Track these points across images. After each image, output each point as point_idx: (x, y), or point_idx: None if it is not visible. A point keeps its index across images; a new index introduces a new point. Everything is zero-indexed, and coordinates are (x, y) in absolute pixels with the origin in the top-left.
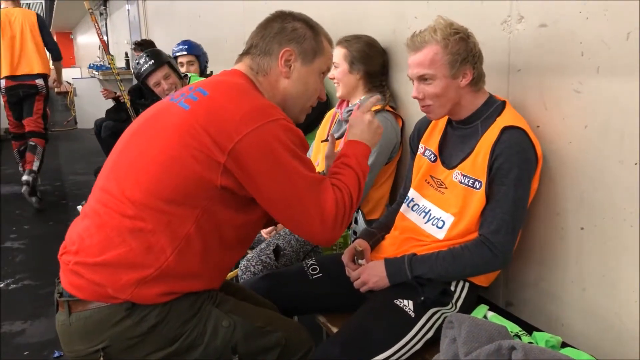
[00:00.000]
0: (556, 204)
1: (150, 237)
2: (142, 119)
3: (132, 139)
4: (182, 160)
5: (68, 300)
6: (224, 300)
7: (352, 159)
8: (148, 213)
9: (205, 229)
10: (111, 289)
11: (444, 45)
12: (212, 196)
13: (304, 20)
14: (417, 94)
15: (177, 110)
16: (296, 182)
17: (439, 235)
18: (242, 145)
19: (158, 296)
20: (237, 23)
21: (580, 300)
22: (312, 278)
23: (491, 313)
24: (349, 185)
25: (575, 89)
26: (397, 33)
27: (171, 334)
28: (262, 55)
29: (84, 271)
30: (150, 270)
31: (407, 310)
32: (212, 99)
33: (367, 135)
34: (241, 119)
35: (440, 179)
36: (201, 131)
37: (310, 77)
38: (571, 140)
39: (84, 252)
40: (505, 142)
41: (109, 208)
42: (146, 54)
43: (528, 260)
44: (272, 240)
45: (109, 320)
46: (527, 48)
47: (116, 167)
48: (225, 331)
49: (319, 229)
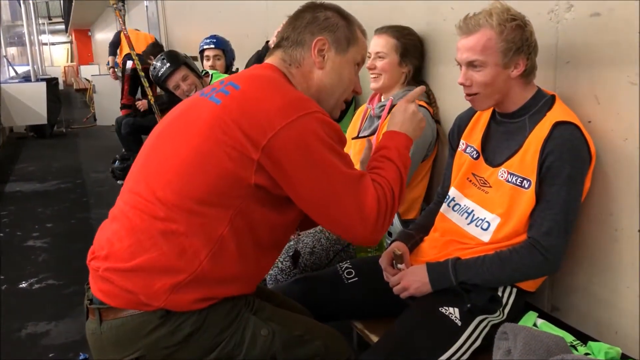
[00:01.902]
0: (610, 204)
1: (183, 240)
2: (171, 115)
3: (160, 137)
4: (214, 158)
5: (99, 307)
6: (261, 307)
7: (393, 151)
8: (180, 214)
9: (239, 230)
10: (144, 296)
11: (499, 31)
12: (246, 195)
13: (336, 10)
14: (464, 80)
15: (208, 105)
16: (334, 179)
17: (484, 238)
18: (276, 141)
19: (193, 302)
20: (259, 18)
21: (637, 307)
22: (347, 282)
23: (541, 320)
24: (390, 180)
25: (632, 81)
26: (431, 25)
27: (208, 343)
28: (295, 46)
29: (114, 277)
30: (184, 275)
31: (454, 319)
32: (245, 92)
33: (409, 126)
34: (275, 113)
35: (484, 177)
36: (233, 126)
37: (344, 68)
38: (627, 137)
39: (114, 257)
40: (557, 138)
41: (139, 210)
42: (162, 57)
43: (577, 263)
44: (302, 237)
45: (142, 329)
46: (576, 38)
47: (145, 167)
48: (264, 340)
49: (360, 228)
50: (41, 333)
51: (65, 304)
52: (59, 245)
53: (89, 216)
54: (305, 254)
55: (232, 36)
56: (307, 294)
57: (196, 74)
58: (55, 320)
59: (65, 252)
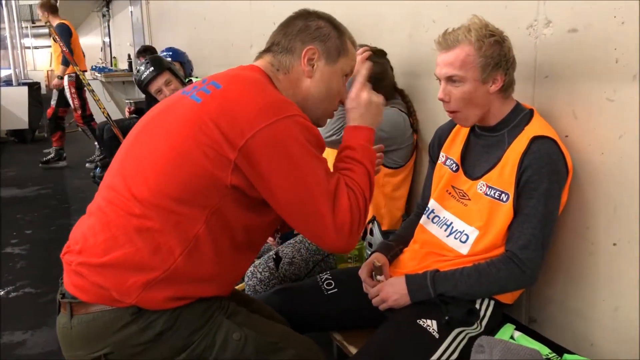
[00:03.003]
0: (586, 217)
1: (158, 237)
2: (152, 113)
3: (140, 134)
4: (191, 156)
5: (70, 302)
6: (236, 311)
7: (358, 151)
8: (156, 212)
9: (215, 230)
10: (116, 292)
11: (477, 47)
12: (222, 195)
13: (329, 19)
14: (444, 95)
15: (188, 103)
16: (311, 184)
17: (462, 250)
18: (254, 142)
19: (166, 301)
20: (244, 25)
21: (612, 320)
22: (327, 293)
23: (518, 333)
24: (362, 184)
25: (608, 97)
26: (414, 37)
27: (178, 343)
28: (284, 53)
29: (87, 272)
30: (157, 273)
31: (431, 331)
32: (226, 92)
33: (368, 117)
34: (255, 114)
35: (463, 190)
36: (212, 125)
37: (333, 78)
38: (603, 151)
39: (88, 251)
40: (535, 152)
41: (115, 206)
42: (146, 61)
43: (554, 276)
44: (282, 248)
45: (113, 325)
46: (555, 54)
47: (123, 163)
48: (236, 345)
49: (333, 236)
50: (17, 343)
51: (42, 312)
52: (38, 252)
53: (69, 223)
54: (284, 264)
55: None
56: (286, 305)
57: (180, 80)
58: (32, 330)
59: (44, 260)
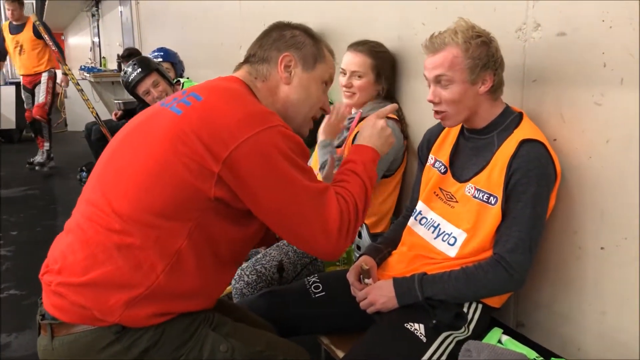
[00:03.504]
0: (574, 221)
1: (139, 254)
2: (131, 125)
3: (119, 147)
4: (172, 169)
5: (51, 323)
6: (221, 322)
7: (359, 165)
8: (136, 227)
9: (198, 244)
10: (98, 312)
11: (464, 49)
12: (205, 208)
13: (303, 29)
14: (433, 97)
15: (168, 115)
16: (297, 193)
17: (450, 253)
18: (238, 154)
19: (149, 317)
20: (234, 26)
21: (599, 325)
22: (314, 297)
23: (506, 337)
24: (355, 194)
25: (596, 101)
26: (403, 40)
27: (164, 359)
28: (261, 62)
29: (67, 292)
30: (140, 290)
31: (419, 335)
32: (206, 103)
33: (377, 140)
34: (237, 126)
35: (451, 192)
36: (193, 138)
37: (312, 84)
38: (591, 155)
39: (67, 271)
40: (524, 156)
41: (94, 222)
42: (133, 62)
43: (542, 280)
44: (269, 251)
45: (96, 345)
46: (543, 58)
47: (102, 177)
48: (223, 356)
49: (322, 242)
50: (2, 345)
51: (27, 315)
52: (23, 254)
53: (55, 224)
54: (272, 267)
55: (206, 44)
56: (274, 309)
57: (168, 81)
58: (16, 332)
59: (30, 262)
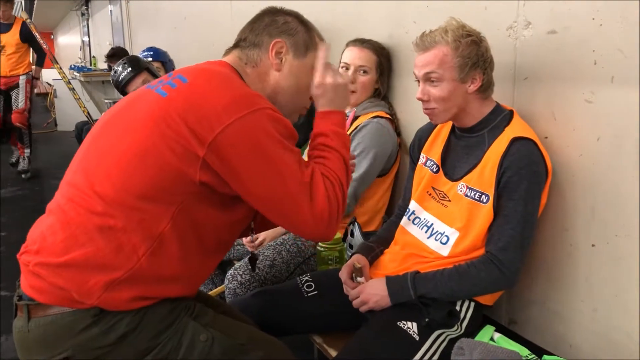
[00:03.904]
0: (565, 219)
1: (121, 236)
2: (116, 107)
3: (103, 129)
4: (157, 151)
5: (27, 304)
6: (202, 312)
7: (330, 138)
8: (119, 210)
9: (181, 228)
10: (76, 293)
11: (454, 47)
12: (189, 192)
13: (296, 15)
14: (422, 95)
15: (153, 97)
16: (284, 176)
17: (443, 252)
18: (224, 137)
19: (129, 301)
20: (225, 26)
21: (591, 321)
22: (307, 296)
23: (498, 334)
24: (336, 170)
25: (587, 99)
26: (394, 38)
27: (142, 345)
28: (252, 47)
29: (45, 273)
30: (120, 272)
31: (412, 333)
32: (193, 86)
33: (336, 99)
34: (223, 109)
35: (443, 191)
36: (179, 120)
37: (302, 72)
38: (582, 153)
39: (46, 251)
40: (515, 154)
41: (76, 204)
42: (123, 62)
43: (533, 277)
44: (263, 250)
45: (73, 328)
46: (534, 55)
47: (85, 159)
48: (203, 346)
49: (312, 224)
50: None
51: None
52: (13, 254)
53: None
54: (265, 267)
55: (197, 43)
56: (266, 308)
57: None
58: (6, 334)
59: None
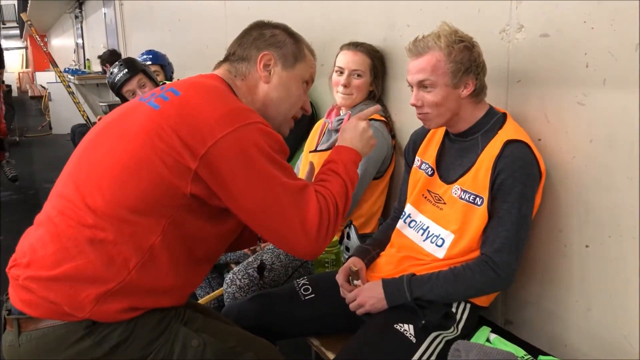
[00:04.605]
0: (559, 220)
1: (112, 249)
2: (108, 118)
3: (95, 140)
4: (148, 164)
5: (18, 318)
6: (192, 317)
7: (339, 165)
8: (110, 223)
9: (172, 241)
10: (68, 307)
11: (447, 53)
12: (180, 205)
13: (284, 28)
14: (416, 101)
15: (145, 109)
16: (275, 190)
17: (438, 254)
18: (215, 150)
19: (120, 312)
20: (219, 28)
21: (585, 322)
22: (304, 299)
23: (494, 335)
24: (335, 193)
25: (579, 101)
26: (388, 41)
27: (135, 355)
28: (240, 61)
29: (36, 287)
30: (111, 284)
31: (408, 336)
32: (185, 99)
33: (359, 142)
34: (216, 122)
35: (439, 194)
36: (171, 133)
37: (292, 83)
38: (575, 155)
39: (36, 264)
40: (508, 156)
41: (66, 216)
42: (120, 63)
43: (528, 278)
44: (261, 254)
45: (65, 340)
46: (527, 58)
47: (76, 170)
48: (195, 351)
49: (301, 240)
50: None
51: None
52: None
53: None
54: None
55: (191, 45)
56: (264, 311)
57: (154, 83)
58: None
59: None
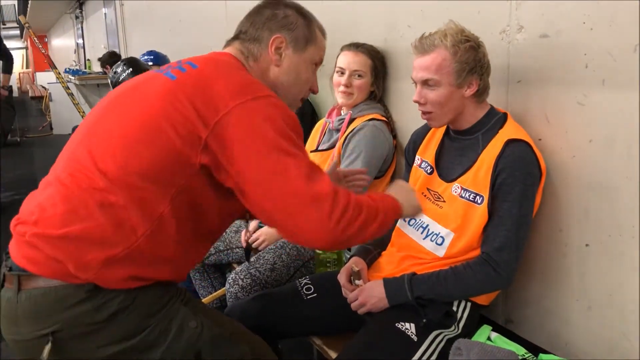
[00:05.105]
0: (559, 219)
1: (121, 213)
2: (124, 87)
3: (110, 106)
4: (161, 132)
5: (19, 274)
6: (193, 300)
7: (378, 202)
8: (120, 187)
9: (180, 211)
10: (73, 267)
11: (453, 52)
12: (189, 175)
13: (296, 8)
14: (419, 98)
15: (162, 79)
16: (284, 163)
17: (439, 253)
18: (227, 119)
19: (124, 280)
20: (220, 28)
21: (586, 320)
22: (306, 298)
23: (495, 334)
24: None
25: (579, 101)
26: (389, 42)
27: (132, 326)
28: (252, 41)
29: (42, 244)
30: (118, 249)
31: (410, 334)
32: (202, 71)
33: (405, 201)
34: (230, 93)
35: (438, 192)
36: (186, 103)
37: (302, 66)
38: (575, 154)
39: (45, 222)
40: (509, 156)
41: (78, 178)
42: (123, 62)
43: (529, 277)
44: (263, 254)
45: (65, 302)
46: (527, 59)
47: (90, 135)
48: (192, 333)
49: (314, 221)
50: None
51: None
52: None
53: None
54: (266, 271)
55: (192, 46)
56: (266, 311)
57: None
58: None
59: None
